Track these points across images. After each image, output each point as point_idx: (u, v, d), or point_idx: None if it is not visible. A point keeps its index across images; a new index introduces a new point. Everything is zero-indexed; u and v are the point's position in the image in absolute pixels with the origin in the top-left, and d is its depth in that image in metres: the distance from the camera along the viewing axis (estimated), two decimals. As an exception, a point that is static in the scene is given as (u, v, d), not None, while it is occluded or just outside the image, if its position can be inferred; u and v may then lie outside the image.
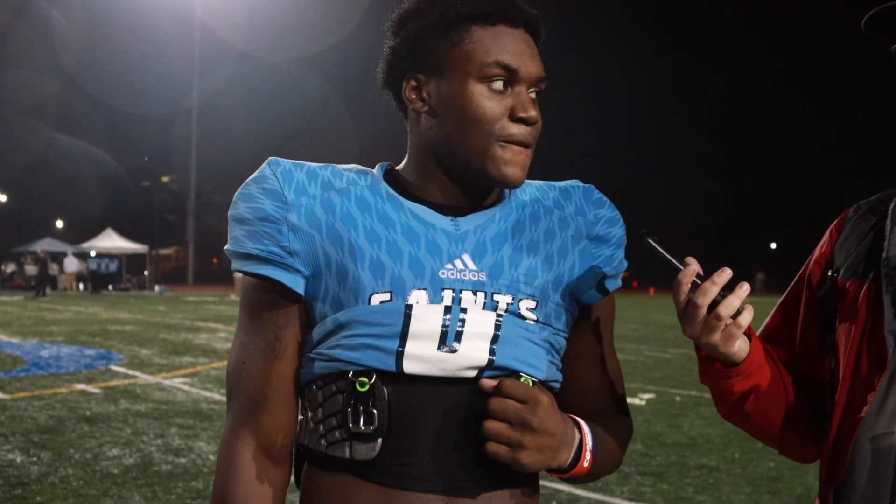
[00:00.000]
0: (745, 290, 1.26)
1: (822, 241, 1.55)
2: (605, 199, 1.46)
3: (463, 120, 1.30)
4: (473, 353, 1.28)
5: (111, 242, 44.54)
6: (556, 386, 1.39)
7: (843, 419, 1.39)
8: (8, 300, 29.93)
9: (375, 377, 1.26)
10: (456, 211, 1.36)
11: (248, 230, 1.30)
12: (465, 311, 1.29)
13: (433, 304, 1.29)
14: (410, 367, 1.27)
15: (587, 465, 1.30)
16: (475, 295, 1.31)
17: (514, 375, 1.30)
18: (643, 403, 9.16)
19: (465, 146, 1.31)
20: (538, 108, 1.34)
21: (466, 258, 1.32)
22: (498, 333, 1.30)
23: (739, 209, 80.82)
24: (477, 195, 1.37)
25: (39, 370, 11.07)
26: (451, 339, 1.28)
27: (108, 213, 52.24)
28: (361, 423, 1.26)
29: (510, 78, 1.30)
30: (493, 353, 1.29)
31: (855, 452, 1.35)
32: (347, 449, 1.28)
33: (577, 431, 1.30)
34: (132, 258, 46.46)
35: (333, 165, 1.38)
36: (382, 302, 1.28)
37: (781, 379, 1.46)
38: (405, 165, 1.41)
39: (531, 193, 1.43)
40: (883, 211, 1.46)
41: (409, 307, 1.28)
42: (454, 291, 1.30)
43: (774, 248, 79.38)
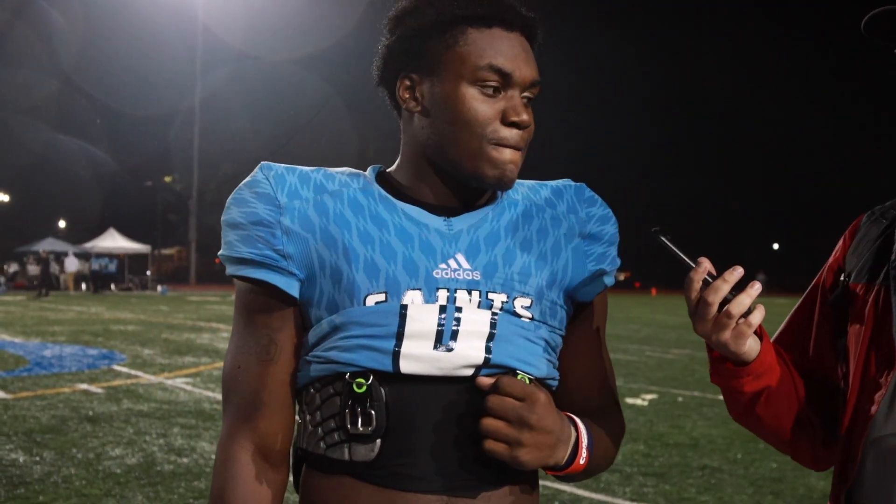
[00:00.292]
0: (756, 288, 1.27)
1: (836, 246, 1.56)
2: (596, 197, 1.46)
3: (454, 122, 1.30)
4: (469, 351, 1.29)
5: (113, 242, 44.58)
6: (553, 383, 1.40)
7: (852, 419, 1.39)
8: (10, 300, 29.96)
9: (372, 378, 1.26)
10: (449, 211, 1.36)
11: (241, 234, 1.31)
12: (460, 309, 1.30)
13: (428, 303, 1.29)
14: (407, 366, 1.27)
15: (583, 462, 1.31)
16: (470, 294, 1.31)
17: (510, 373, 1.30)
18: (645, 404, 9.16)
19: (456, 147, 1.31)
20: (531, 112, 1.34)
21: (460, 258, 1.33)
22: (493, 331, 1.30)
23: (742, 209, 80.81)
24: (470, 195, 1.38)
25: (42, 370, 11.09)
26: (446, 338, 1.28)
27: (110, 212, 52.24)
28: (360, 424, 1.26)
29: (503, 82, 1.30)
30: (489, 351, 1.29)
31: (865, 453, 1.35)
32: (346, 451, 1.28)
33: (573, 429, 1.30)
34: (134, 258, 46.52)
35: (325, 168, 1.38)
36: (377, 303, 1.28)
37: (794, 383, 1.46)
38: (398, 166, 1.41)
39: (523, 193, 1.43)
40: (894, 215, 1.47)
41: (404, 307, 1.28)
42: (449, 291, 1.30)
43: (777, 248, 79.39)
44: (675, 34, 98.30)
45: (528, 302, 1.34)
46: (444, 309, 1.29)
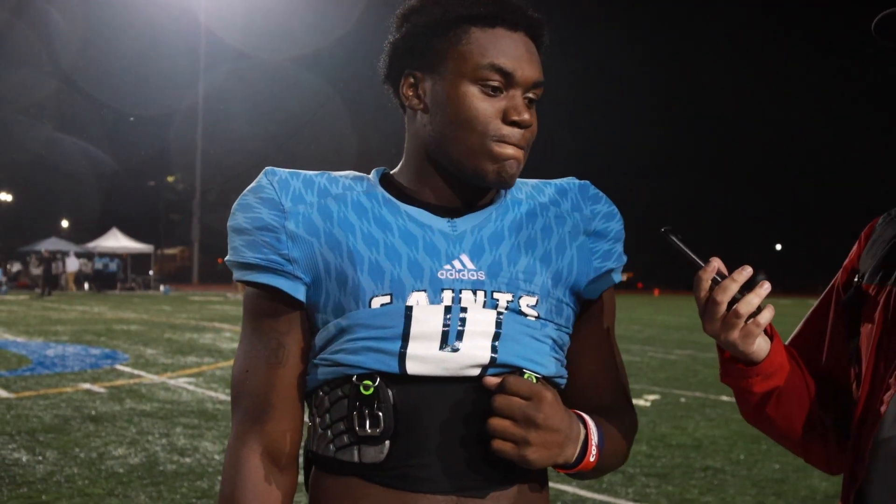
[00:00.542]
0: (765, 288, 1.28)
1: (852, 248, 1.56)
2: (601, 194, 1.46)
3: (455, 119, 1.31)
4: (475, 351, 1.29)
5: (116, 242, 44.64)
6: (561, 382, 1.39)
7: (862, 420, 1.39)
8: (13, 299, 30.01)
9: (379, 380, 1.27)
10: (452, 212, 1.36)
11: (247, 240, 1.32)
12: (465, 310, 1.30)
13: (433, 304, 1.29)
14: (413, 367, 1.27)
15: (593, 460, 1.30)
16: (475, 294, 1.31)
17: (517, 372, 1.30)
18: (648, 405, 9.16)
19: (456, 145, 1.32)
20: (535, 112, 1.34)
21: (465, 258, 1.33)
22: (499, 331, 1.30)
23: (744, 210, 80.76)
24: (473, 195, 1.38)
25: (45, 369, 11.11)
26: (452, 338, 1.28)
27: (113, 212, 52.28)
28: (368, 426, 1.26)
29: (505, 81, 1.30)
30: (495, 350, 1.29)
31: (874, 453, 1.35)
32: (356, 453, 1.28)
33: (581, 427, 1.30)
34: (137, 258, 46.55)
35: (329, 172, 1.39)
36: (383, 305, 1.28)
37: (806, 384, 1.46)
38: (401, 167, 1.41)
39: (527, 192, 1.43)
40: None
41: (409, 308, 1.28)
42: (454, 291, 1.30)
43: (779, 248, 79.33)
44: (677, 33, 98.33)
45: (533, 301, 1.34)
46: (449, 310, 1.29)
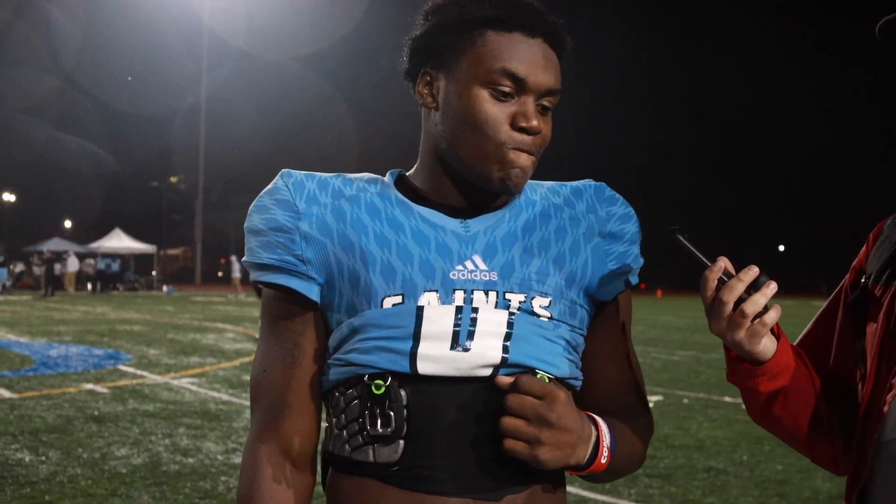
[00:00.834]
0: (771, 288, 1.27)
1: (861, 250, 1.56)
2: (617, 196, 1.45)
3: (464, 121, 1.31)
4: (486, 351, 1.28)
5: (119, 242, 44.69)
6: (575, 384, 1.39)
7: (864, 421, 1.39)
8: (16, 300, 30.05)
9: (391, 379, 1.27)
10: (466, 213, 1.37)
11: (262, 241, 1.33)
12: (476, 310, 1.30)
13: (444, 304, 1.30)
14: (424, 367, 1.27)
15: (605, 461, 1.30)
16: (487, 294, 1.31)
17: (529, 372, 1.29)
18: (651, 405, 9.13)
19: (464, 147, 1.32)
20: (549, 119, 1.34)
21: (477, 259, 1.33)
22: (510, 331, 1.30)
23: (747, 210, 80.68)
24: (486, 196, 1.38)
25: (48, 370, 11.12)
26: (463, 338, 1.28)
27: (115, 213, 52.40)
28: (379, 425, 1.27)
29: (517, 87, 1.30)
30: (506, 350, 1.29)
31: (876, 454, 1.35)
32: (371, 452, 1.28)
33: (593, 428, 1.29)
34: (140, 258, 46.59)
35: (344, 174, 1.40)
36: (394, 305, 1.29)
37: (813, 384, 1.46)
38: (416, 167, 1.42)
39: (542, 193, 1.43)
40: None
41: (420, 308, 1.28)
42: (465, 292, 1.31)
43: (782, 249, 79.25)
44: (679, 32, 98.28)
45: (546, 301, 1.34)
46: (460, 310, 1.29)
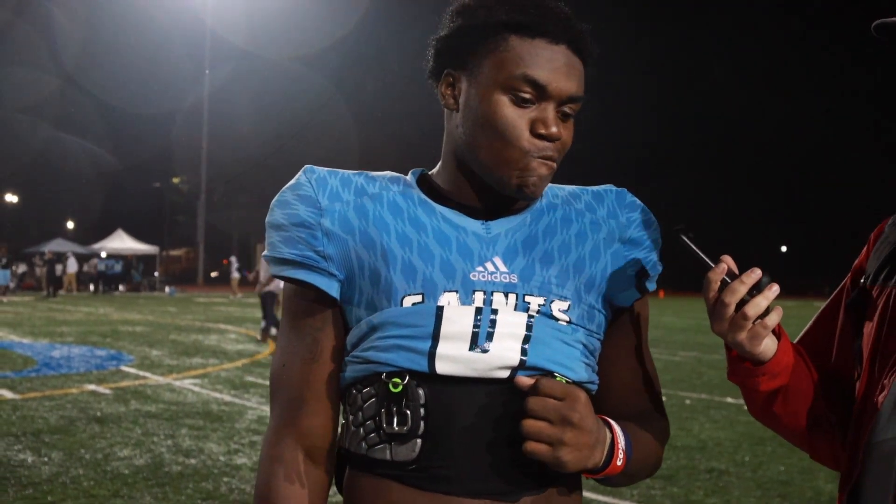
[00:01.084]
0: (773, 291, 1.28)
1: (863, 250, 1.57)
2: (638, 202, 1.46)
3: (483, 125, 1.31)
4: (505, 353, 1.29)
5: (121, 243, 44.73)
6: (592, 388, 1.39)
7: (857, 421, 1.40)
8: (19, 300, 30.08)
9: (408, 378, 1.27)
10: (487, 214, 1.37)
11: (284, 236, 1.34)
12: (495, 312, 1.30)
13: (464, 305, 1.30)
14: (443, 367, 1.27)
15: (620, 463, 1.30)
16: (506, 297, 1.32)
17: (547, 375, 1.30)
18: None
19: (483, 151, 1.32)
20: (570, 126, 1.34)
21: (497, 261, 1.33)
22: (529, 334, 1.30)
23: (750, 211, 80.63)
24: (508, 198, 1.38)
25: (50, 370, 11.13)
26: (482, 339, 1.28)
27: (118, 213, 52.44)
28: (395, 423, 1.27)
29: (537, 93, 1.29)
30: (524, 353, 1.29)
31: (867, 454, 1.36)
32: (388, 451, 1.29)
33: (608, 431, 1.30)
34: (142, 259, 46.62)
35: (367, 172, 1.40)
36: (414, 304, 1.30)
37: (813, 383, 1.47)
38: (439, 168, 1.43)
39: (563, 197, 1.43)
40: None
41: (440, 308, 1.29)
42: (485, 293, 1.31)
43: (785, 250, 79.20)
44: (680, 31, 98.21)
45: (565, 305, 1.35)
46: (479, 311, 1.30)
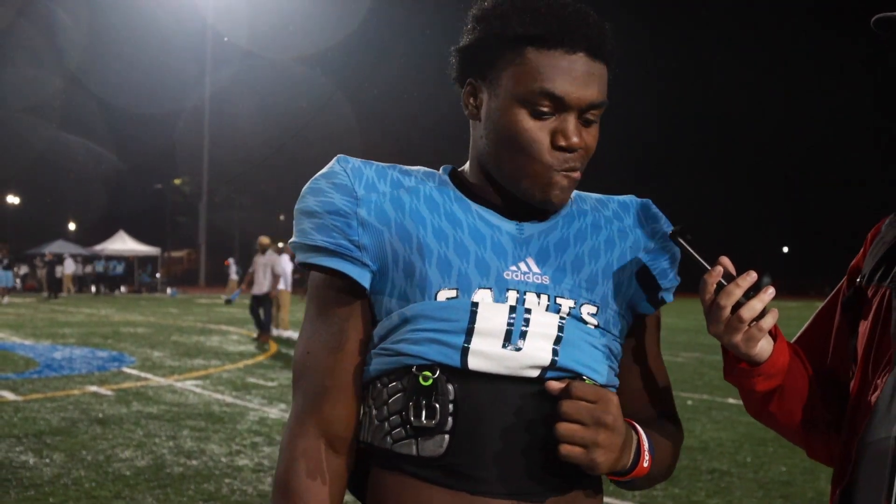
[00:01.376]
0: (769, 293, 1.30)
1: (861, 251, 1.58)
2: (660, 214, 1.48)
3: (504, 139, 1.31)
4: (537, 352, 1.29)
5: (123, 245, 44.75)
6: (612, 391, 1.40)
7: (850, 420, 1.41)
8: (21, 302, 30.09)
9: (439, 372, 1.27)
10: (520, 216, 1.38)
11: (316, 223, 1.32)
12: (529, 311, 1.31)
13: (498, 302, 1.30)
14: (475, 363, 1.27)
15: (647, 465, 1.32)
16: (539, 297, 1.32)
17: (576, 377, 1.30)
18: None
19: (505, 164, 1.33)
20: (593, 129, 1.33)
21: (530, 261, 1.34)
22: (561, 335, 1.31)
23: (751, 212, 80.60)
24: None
25: (52, 372, 11.13)
26: (515, 337, 1.29)
27: (119, 215, 52.50)
28: (423, 416, 1.26)
29: (555, 106, 1.29)
30: (555, 353, 1.30)
31: (860, 453, 1.36)
32: (414, 446, 1.28)
33: (633, 433, 1.32)
34: (144, 260, 46.64)
35: (400, 165, 1.40)
36: (448, 298, 1.30)
37: (810, 383, 1.48)
38: (467, 169, 1.42)
39: (591, 204, 1.45)
40: None
41: (475, 304, 1.29)
42: (518, 292, 1.32)
43: (786, 251, 79.15)
44: (681, 30, 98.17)
45: (594, 309, 1.36)
46: (513, 309, 1.30)
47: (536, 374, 1.29)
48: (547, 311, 1.32)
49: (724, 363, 1.43)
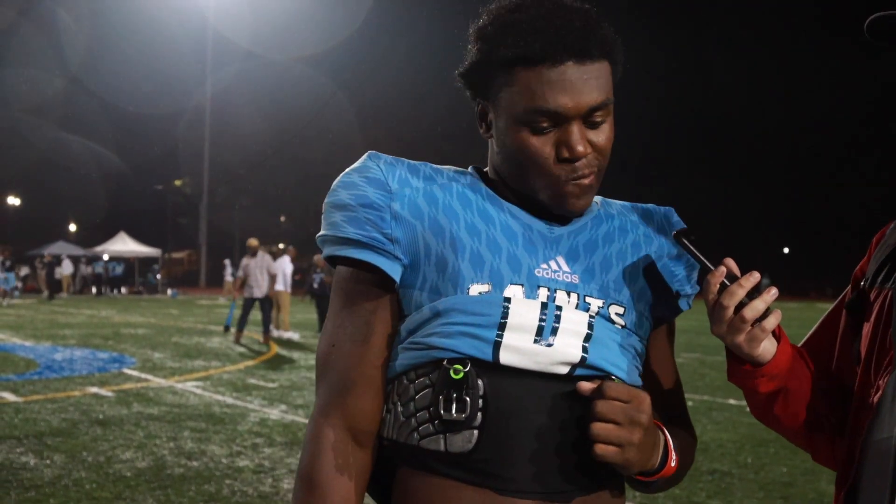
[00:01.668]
0: (772, 294, 1.31)
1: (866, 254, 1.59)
2: (682, 222, 1.50)
3: (511, 157, 1.34)
4: (567, 349, 1.30)
5: (124, 246, 44.76)
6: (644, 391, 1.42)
7: (853, 421, 1.41)
8: (21, 303, 30.09)
9: (470, 365, 1.27)
10: (550, 215, 1.39)
11: (349, 216, 1.32)
12: (559, 308, 1.32)
13: (529, 299, 1.31)
14: (506, 357, 1.28)
15: (674, 465, 1.34)
16: (568, 295, 1.34)
17: (604, 375, 1.32)
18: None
19: (518, 180, 1.36)
20: (604, 129, 1.32)
21: (560, 260, 1.36)
22: (590, 333, 1.32)
23: (752, 212, 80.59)
24: None
25: (52, 373, 11.13)
26: (547, 333, 1.30)
27: (120, 216, 52.54)
28: (454, 410, 1.26)
29: (553, 120, 1.29)
30: (585, 350, 1.31)
31: (863, 454, 1.36)
32: (442, 441, 1.27)
33: (659, 433, 1.33)
34: (144, 261, 46.66)
35: (431, 164, 1.42)
36: (481, 293, 1.30)
37: (814, 386, 1.48)
38: (492, 173, 1.43)
39: (617, 209, 1.48)
40: None
41: (507, 299, 1.30)
42: (549, 290, 1.33)
43: (787, 252, 79.15)
44: (682, 30, 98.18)
45: (621, 310, 1.38)
46: (545, 306, 1.31)
47: (566, 370, 1.30)
48: (577, 309, 1.33)
49: (727, 364, 1.44)
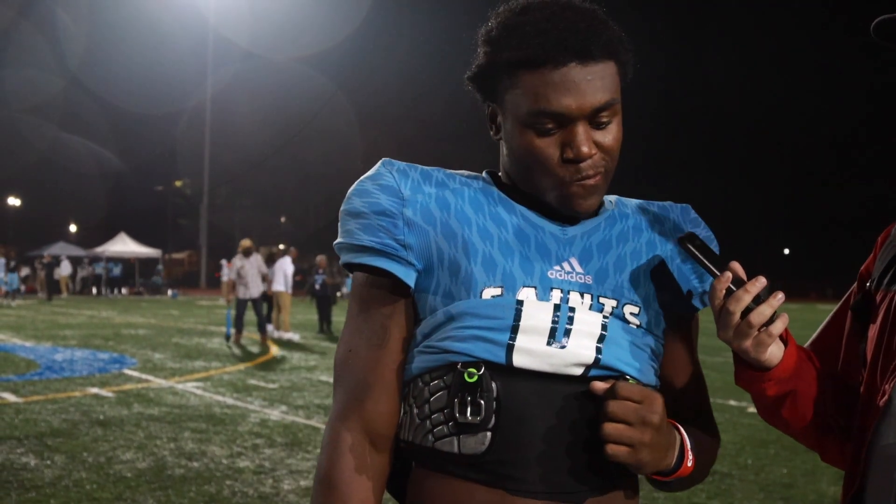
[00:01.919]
0: (778, 299, 1.31)
1: (871, 255, 1.58)
2: (700, 219, 1.50)
3: (519, 159, 1.34)
4: (581, 350, 1.30)
5: (124, 247, 44.78)
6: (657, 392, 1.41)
7: (861, 424, 1.40)
8: (22, 304, 30.10)
9: (484, 368, 1.28)
10: (563, 217, 1.39)
11: (363, 223, 1.34)
12: (572, 310, 1.32)
13: (542, 301, 1.31)
14: (520, 360, 1.28)
15: (690, 465, 1.33)
16: (582, 297, 1.34)
17: (619, 376, 1.31)
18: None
19: (526, 182, 1.36)
20: (611, 128, 1.32)
21: (574, 261, 1.36)
22: (604, 333, 1.32)
23: (752, 213, 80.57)
24: None
25: (53, 374, 11.13)
26: (560, 335, 1.30)
27: (121, 217, 52.60)
28: (468, 413, 1.27)
29: (557, 122, 1.29)
30: (599, 351, 1.31)
31: (869, 458, 1.36)
32: (456, 443, 1.28)
33: (676, 433, 1.33)
34: (145, 262, 46.66)
35: (444, 169, 1.42)
36: (494, 296, 1.31)
37: (822, 388, 1.48)
38: (503, 178, 1.44)
39: (632, 208, 1.47)
40: None
41: (519, 302, 1.30)
42: (562, 291, 1.33)
43: (787, 253, 79.14)
44: (683, 30, 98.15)
45: (636, 310, 1.37)
46: (557, 308, 1.31)
47: (580, 372, 1.30)
48: (590, 310, 1.33)
49: (735, 368, 1.43)
